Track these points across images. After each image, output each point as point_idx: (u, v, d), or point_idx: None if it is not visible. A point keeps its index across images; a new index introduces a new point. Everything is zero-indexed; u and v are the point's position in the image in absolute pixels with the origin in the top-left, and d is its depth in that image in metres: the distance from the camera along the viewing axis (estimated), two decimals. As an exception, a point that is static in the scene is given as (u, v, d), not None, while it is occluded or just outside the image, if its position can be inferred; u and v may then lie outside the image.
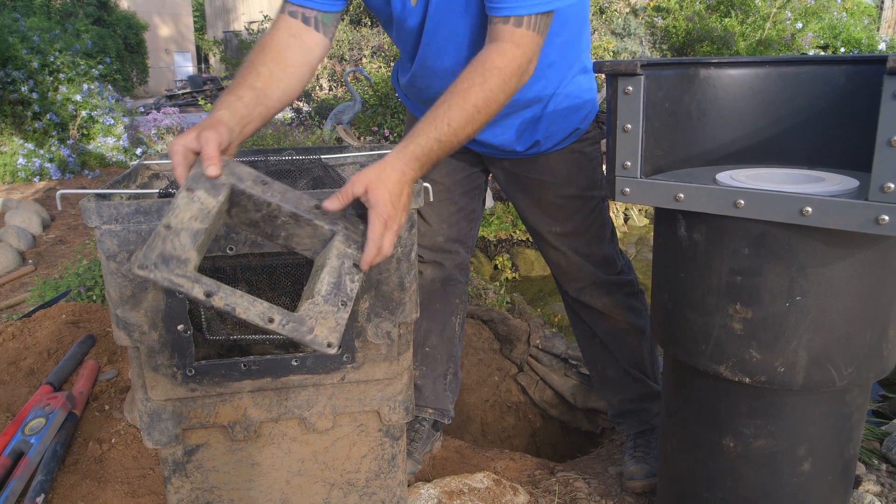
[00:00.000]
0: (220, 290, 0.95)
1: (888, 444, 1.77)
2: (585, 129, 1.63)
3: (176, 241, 0.95)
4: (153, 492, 1.58)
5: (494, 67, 1.17)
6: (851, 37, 8.70)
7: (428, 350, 1.88)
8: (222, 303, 0.94)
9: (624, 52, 9.05)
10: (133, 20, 14.97)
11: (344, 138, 5.55)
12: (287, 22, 1.33)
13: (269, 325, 0.96)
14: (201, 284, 0.94)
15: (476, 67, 1.18)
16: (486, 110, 1.17)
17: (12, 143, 6.33)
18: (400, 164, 1.08)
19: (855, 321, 1.08)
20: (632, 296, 1.78)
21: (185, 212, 0.98)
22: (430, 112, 1.14)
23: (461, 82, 1.17)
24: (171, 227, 0.96)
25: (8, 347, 2.07)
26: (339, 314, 1.01)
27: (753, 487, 1.21)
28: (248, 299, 0.95)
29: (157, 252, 0.94)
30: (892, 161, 0.91)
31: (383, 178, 1.05)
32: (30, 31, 6.95)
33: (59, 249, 4.21)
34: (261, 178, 1.05)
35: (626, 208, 6.17)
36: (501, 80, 1.18)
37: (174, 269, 0.93)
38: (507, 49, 1.19)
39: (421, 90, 1.57)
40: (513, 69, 1.19)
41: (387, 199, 1.03)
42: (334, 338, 0.99)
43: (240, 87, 1.20)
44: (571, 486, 1.74)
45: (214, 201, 1.00)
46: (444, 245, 1.79)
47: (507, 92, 1.20)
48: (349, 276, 1.04)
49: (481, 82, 1.16)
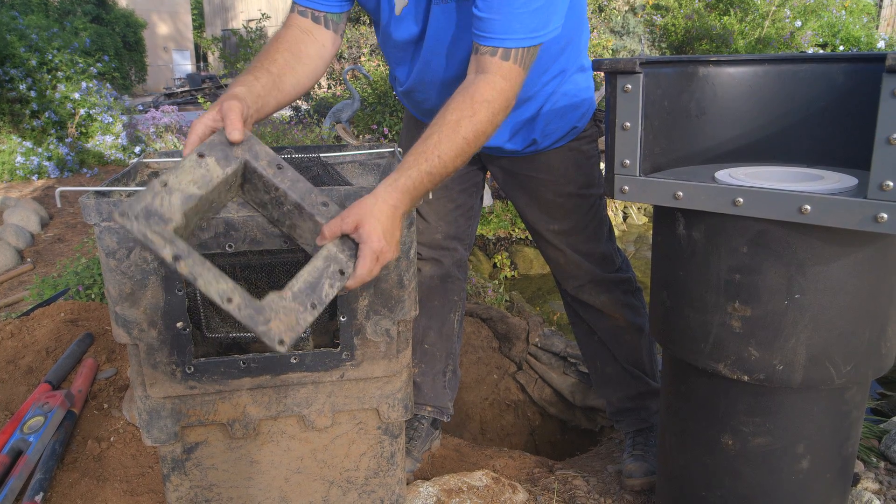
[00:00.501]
0: (191, 257, 0.91)
1: (886, 442, 1.77)
2: (583, 128, 1.63)
3: (166, 198, 0.93)
4: (152, 490, 1.58)
5: (484, 101, 1.17)
6: (850, 35, 8.70)
7: (426, 347, 1.88)
8: (187, 270, 0.90)
9: (623, 51, 9.05)
10: (131, 18, 14.94)
11: (343, 136, 5.54)
12: (298, 20, 1.36)
13: (226, 305, 0.91)
14: (173, 246, 0.90)
15: (465, 99, 1.17)
16: (475, 142, 1.17)
17: (10, 142, 6.32)
18: (392, 199, 1.07)
19: (853, 319, 1.08)
20: (630, 293, 1.79)
21: (187, 174, 0.96)
22: (421, 144, 1.14)
23: (450, 113, 1.16)
24: (167, 185, 0.94)
25: (6, 346, 2.07)
26: (304, 315, 0.96)
27: (752, 485, 1.22)
28: (215, 274, 0.91)
29: (144, 205, 0.91)
30: (890, 159, 0.91)
31: (375, 213, 1.03)
32: (28, 29, 6.93)
33: (58, 248, 4.20)
34: (276, 161, 1.03)
35: (625, 206, 6.17)
36: (491, 114, 1.17)
37: (152, 225, 0.90)
38: (497, 82, 1.19)
39: (418, 103, 1.58)
40: (501, 102, 1.19)
41: (379, 234, 1.02)
42: (288, 337, 0.94)
43: (256, 69, 1.22)
44: (570, 484, 1.75)
45: (221, 171, 0.98)
46: (442, 242, 1.79)
47: (495, 124, 1.20)
48: (330, 280, 1.00)
49: (471, 115, 1.15)
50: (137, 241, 0.92)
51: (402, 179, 1.09)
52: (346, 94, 7.87)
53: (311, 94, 8.92)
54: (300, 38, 1.34)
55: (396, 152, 1.51)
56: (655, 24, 8.59)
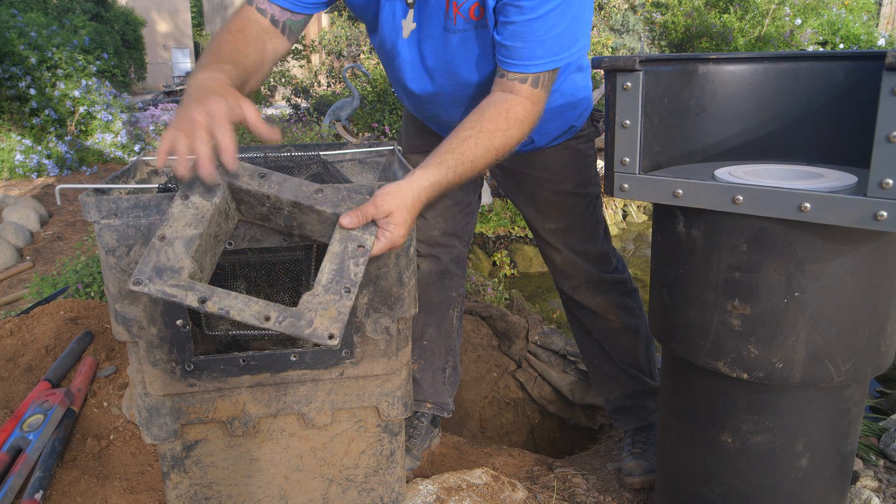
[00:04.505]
0: (214, 294, 0.94)
1: (886, 440, 1.78)
2: (580, 127, 1.64)
3: (170, 251, 0.95)
4: (152, 488, 1.58)
5: (518, 120, 1.22)
6: (850, 33, 8.69)
7: (426, 344, 1.88)
8: (216, 307, 0.93)
9: (622, 49, 9.04)
10: (131, 16, 14.90)
11: (342, 135, 5.54)
12: (255, 16, 1.31)
13: (265, 324, 0.93)
14: (195, 292, 0.94)
15: (501, 114, 1.21)
16: (501, 155, 1.22)
17: (10, 140, 6.32)
18: (424, 194, 1.10)
19: (853, 317, 1.08)
20: (626, 295, 1.79)
21: (180, 220, 0.98)
22: (457, 144, 1.16)
23: (487, 122, 1.20)
24: (166, 238, 0.96)
25: (6, 344, 2.07)
26: (342, 302, 0.96)
27: (751, 483, 1.22)
28: (242, 300, 0.94)
29: (152, 265, 0.94)
30: (890, 157, 0.91)
31: (408, 205, 1.06)
32: (27, 27, 6.92)
33: (57, 246, 4.20)
34: (258, 172, 1.04)
35: (625, 204, 6.17)
36: (521, 133, 1.24)
37: (167, 280, 0.93)
38: (527, 106, 1.24)
39: (429, 119, 1.59)
40: (529, 123, 1.25)
41: (407, 226, 1.07)
42: (336, 328, 0.94)
43: (228, 60, 1.17)
44: (570, 482, 1.75)
45: (209, 204, 0.99)
46: (440, 239, 1.79)
47: (520, 142, 1.26)
48: (353, 259, 1.00)
49: (505, 129, 1.20)
50: (161, 300, 0.93)
51: (437, 175, 1.12)
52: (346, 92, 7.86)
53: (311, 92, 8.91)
54: (262, 37, 1.30)
55: (396, 150, 1.51)
56: (655, 21, 8.58)
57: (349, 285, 0.98)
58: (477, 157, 1.17)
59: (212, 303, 0.93)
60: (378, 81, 6.39)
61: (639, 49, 8.93)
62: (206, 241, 1.00)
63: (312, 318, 0.94)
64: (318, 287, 0.97)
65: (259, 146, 1.56)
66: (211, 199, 1.00)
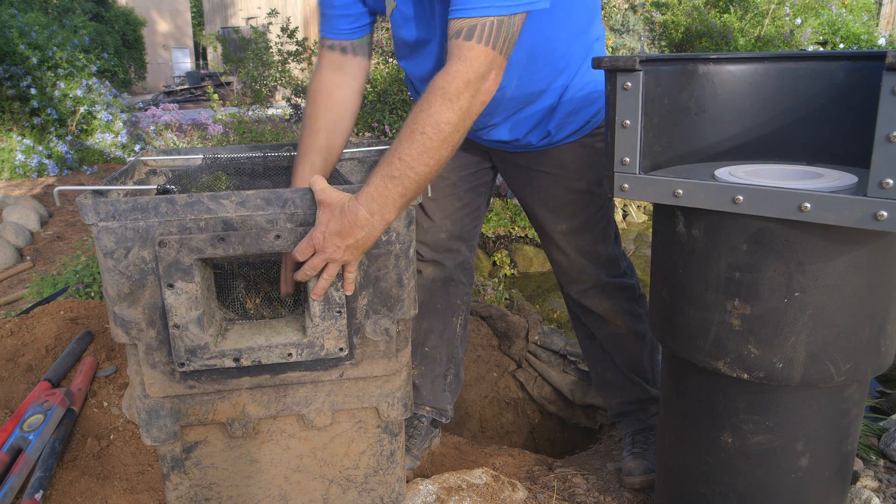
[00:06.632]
0: (243, 354, 1.17)
1: (886, 440, 1.77)
2: (597, 124, 1.59)
3: (188, 334, 1.14)
4: (152, 488, 1.58)
5: (437, 89, 1.10)
6: (850, 33, 8.68)
7: (427, 350, 1.86)
8: (249, 362, 1.18)
9: (623, 48, 9.04)
10: (131, 16, 14.91)
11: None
12: (328, 57, 1.44)
13: (290, 360, 1.19)
14: (227, 356, 1.17)
15: (424, 95, 1.12)
16: (439, 135, 1.09)
17: (10, 139, 6.32)
18: (351, 204, 1.12)
19: (853, 317, 1.08)
20: (633, 300, 1.76)
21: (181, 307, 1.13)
22: (390, 149, 1.13)
23: (411, 112, 1.13)
24: (179, 327, 1.14)
25: (6, 344, 2.07)
26: (338, 323, 1.20)
27: (751, 483, 1.22)
28: (263, 343, 1.18)
29: (183, 351, 1.15)
30: (890, 157, 0.91)
31: (334, 207, 1.11)
32: (28, 27, 6.93)
33: (58, 246, 4.20)
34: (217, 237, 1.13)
35: (625, 204, 6.17)
36: (446, 100, 1.09)
37: (203, 357, 1.16)
38: (451, 67, 1.11)
39: (425, 80, 1.55)
40: (457, 86, 1.09)
41: (325, 224, 1.11)
42: (343, 343, 1.22)
43: (308, 152, 1.39)
44: (570, 482, 1.75)
45: (195, 286, 1.13)
46: (447, 243, 1.77)
47: (459, 110, 1.10)
48: (332, 286, 1.18)
49: (426, 107, 1.10)
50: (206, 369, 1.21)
51: (365, 188, 1.12)
52: (346, 91, 7.82)
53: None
54: (333, 84, 1.43)
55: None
56: (655, 21, 8.57)
57: (339, 308, 1.19)
58: (404, 152, 1.09)
59: (245, 359, 1.18)
60: (378, 81, 6.38)
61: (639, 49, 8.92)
62: (211, 313, 1.19)
63: (322, 343, 1.20)
64: (316, 319, 1.18)
65: (259, 146, 1.56)
66: (192, 281, 1.12)
